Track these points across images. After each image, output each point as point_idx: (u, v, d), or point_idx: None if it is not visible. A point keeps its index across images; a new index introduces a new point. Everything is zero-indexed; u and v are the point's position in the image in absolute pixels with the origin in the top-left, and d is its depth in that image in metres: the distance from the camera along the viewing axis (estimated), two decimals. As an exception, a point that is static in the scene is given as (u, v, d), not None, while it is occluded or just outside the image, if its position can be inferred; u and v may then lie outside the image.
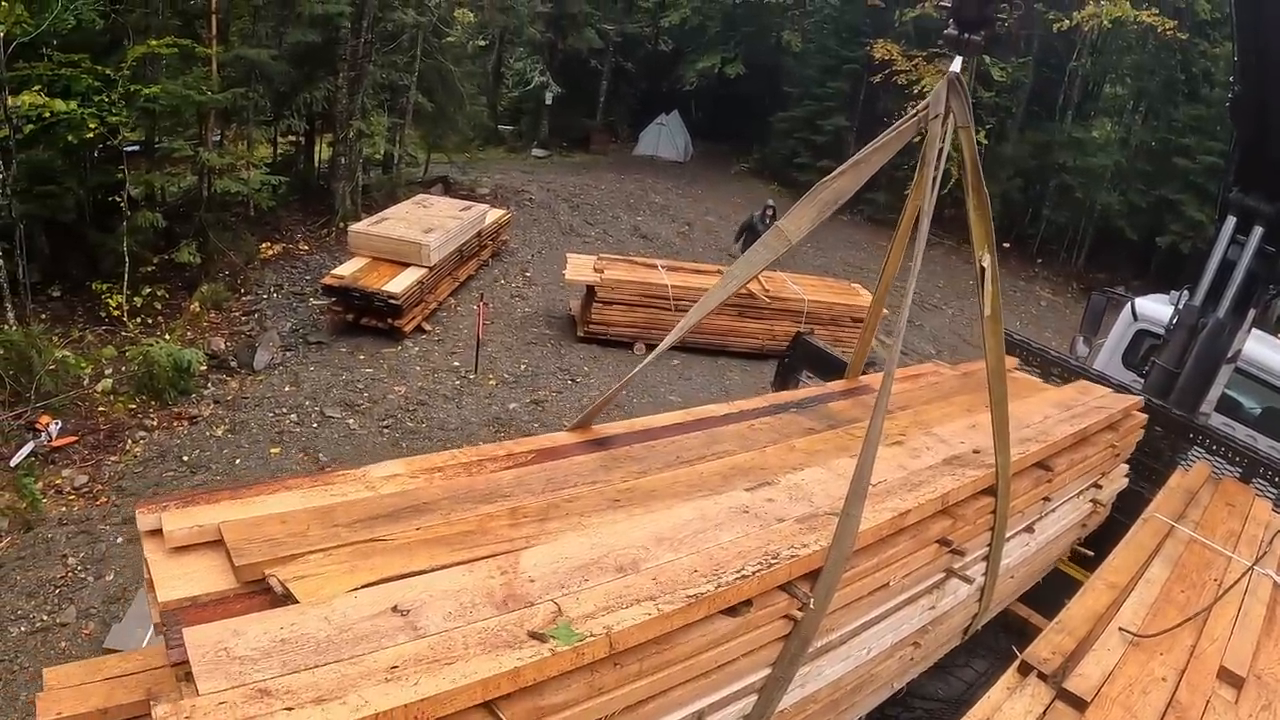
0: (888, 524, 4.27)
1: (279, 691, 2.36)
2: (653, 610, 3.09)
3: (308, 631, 2.65)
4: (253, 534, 3.16)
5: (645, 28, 45.12)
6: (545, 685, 2.79)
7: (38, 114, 15.51)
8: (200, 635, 2.57)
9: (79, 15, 16.48)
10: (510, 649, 2.73)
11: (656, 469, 4.57)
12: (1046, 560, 6.56)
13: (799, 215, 4.53)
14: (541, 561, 3.32)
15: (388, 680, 2.47)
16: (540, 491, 4.03)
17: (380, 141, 24.22)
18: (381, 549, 3.25)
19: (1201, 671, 4.28)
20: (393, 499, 3.69)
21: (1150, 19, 27.50)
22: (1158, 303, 10.75)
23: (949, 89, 4.38)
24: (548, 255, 22.54)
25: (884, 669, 4.90)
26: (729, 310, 17.29)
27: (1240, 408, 10.18)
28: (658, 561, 3.46)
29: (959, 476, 4.96)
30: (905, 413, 6.07)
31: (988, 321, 4.84)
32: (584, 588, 3.17)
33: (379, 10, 22.55)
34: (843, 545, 3.79)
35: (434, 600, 2.94)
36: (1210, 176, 26.98)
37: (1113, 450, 6.67)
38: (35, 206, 17.49)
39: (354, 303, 16.61)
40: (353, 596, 2.89)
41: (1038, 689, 3.98)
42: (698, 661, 3.34)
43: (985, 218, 4.60)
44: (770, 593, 3.66)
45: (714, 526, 3.86)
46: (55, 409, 14.11)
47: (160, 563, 3.06)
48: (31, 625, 9.76)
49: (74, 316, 17.97)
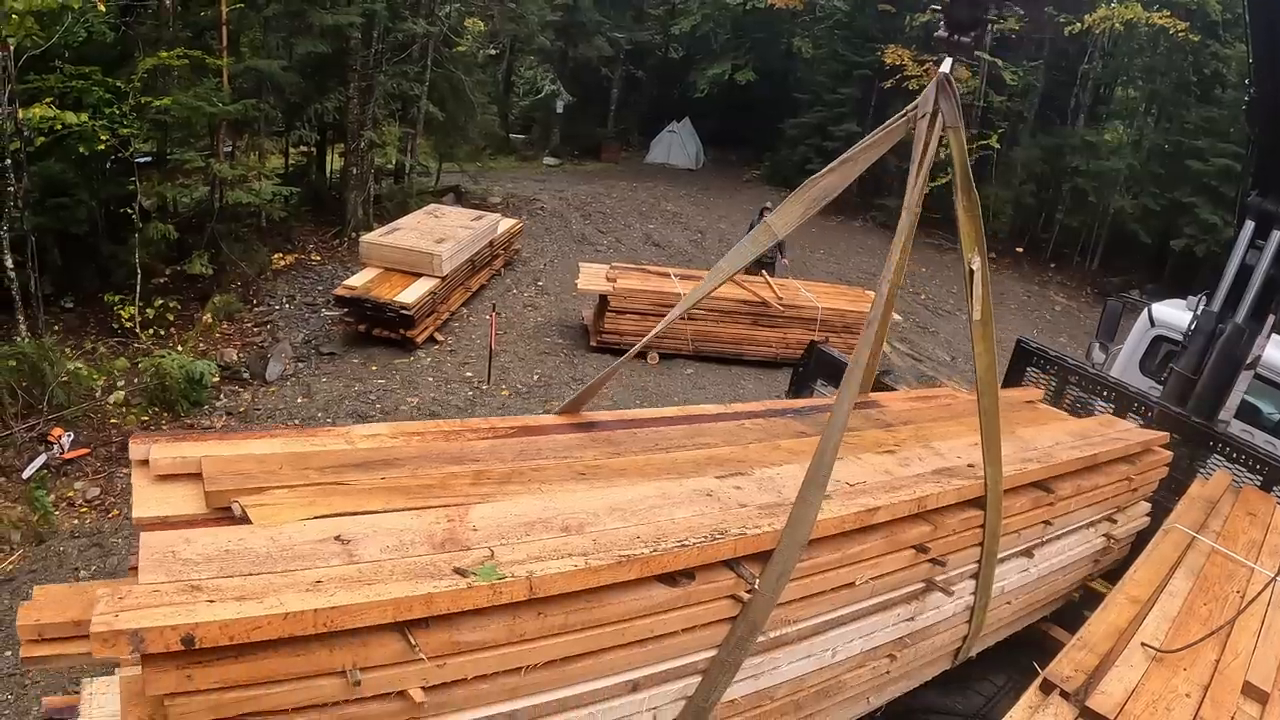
0: (853, 518, 4.24)
1: (208, 588, 2.61)
2: (580, 563, 3.17)
3: (251, 547, 2.92)
4: (228, 468, 3.45)
5: (656, 35, 45.19)
6: (462, 621, 2.91)
7: (49, 126, 15.52)
8: (154, 539, 2.89)
9: (90, 28, 16.53)
10: (431, 579, 2.87)
11: (631, 452, 4.65)
12: (1051, 592, 6.35)
13: (787, 211, 4.69)
14: (489, 515, 3.47)
15: (308, 591, 2.66)
16: (510, 460, 4.18)
17: (392, 151, 24.29)
18: (343, 491, 3.47)
19: (1225, 687, 4.21)
20: (366, 453, 3.93)
21: (1162, 21, 27.42)
22: (1174, 308, 10.67)
23: (938, 89, 4.43)
24: (560, 264, 22.52)
25: (854, 678, 4.78)
26: (743, 319, 17.27)
27: (1260, 414, 10.08)
28: (603, 527, 3.54)
29: (942, 484, 4.91)
30: (908, 427, 5.99)
31: (977, 326, 4.76)
32: (523, 541, 3.29)
33: (389, 21, 22.57)
34: (797, 532, 3.79)
35: (376, 535, 3.13)
36: (1224, 179, 26.86)
37: (1128, 484, 6.47)
38: (47, 219, 17.52)
39: (366, 313, 16.59)
40: (302, 524, 3.14)
41: (1060, 708, 3.91)
42: (632, 627, 3.39)
43: (975, 218, 4.58)
44: (715, 569, 3.67)
45: (671, 504, 3.91)
46: (67, 421, 14.11)
47: (144, 488, 3.39)
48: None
49: (86, 328, 18.00)
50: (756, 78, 38.63)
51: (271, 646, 2.57)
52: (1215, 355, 8.11)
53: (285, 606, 2.56)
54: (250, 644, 2.52)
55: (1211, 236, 26.60)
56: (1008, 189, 31.94)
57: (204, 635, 2.42)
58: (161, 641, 2.37)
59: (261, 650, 2.55)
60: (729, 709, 4.03)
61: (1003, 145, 31.33)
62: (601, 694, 3.40)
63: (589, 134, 41.53)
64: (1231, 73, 28.95)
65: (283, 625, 2.53)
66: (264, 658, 2.56)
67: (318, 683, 2.67)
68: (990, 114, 31.76)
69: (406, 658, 2.78)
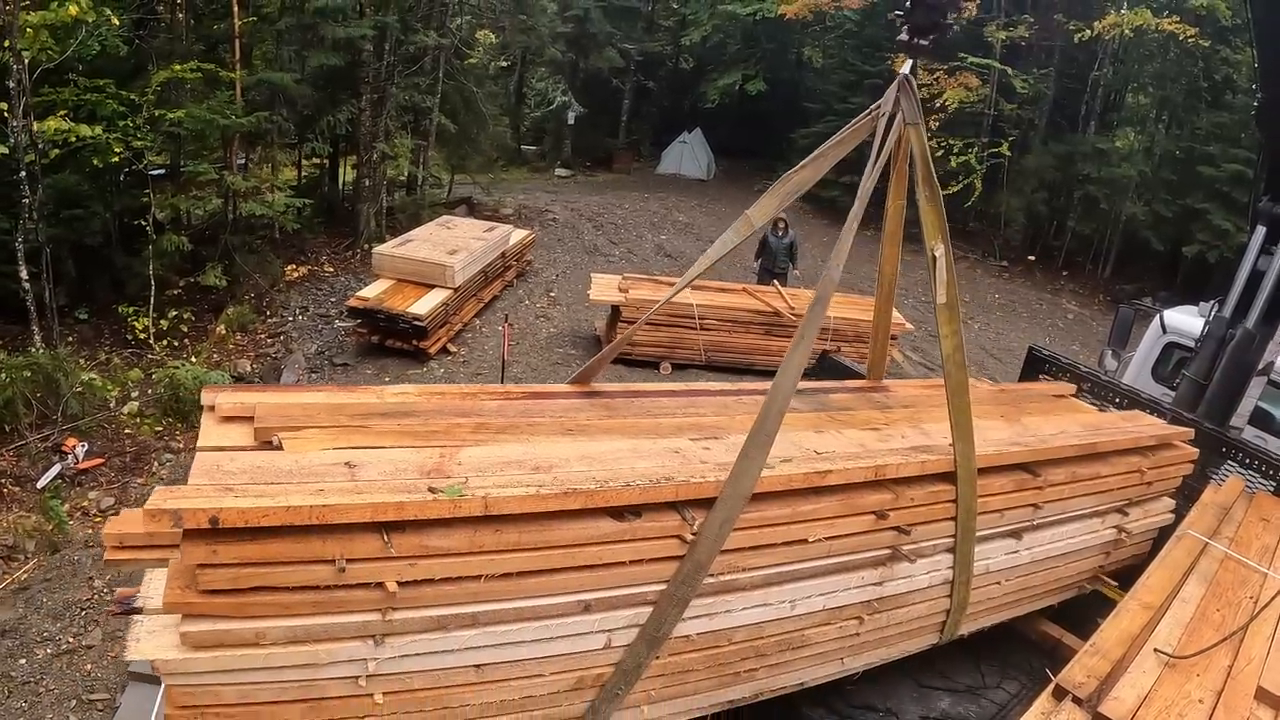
0: (801, 477, 4.51)
1: (237, 489, 3.34)
2: (533, 490, 3.69)
3: (278, 465, 3.69)
4: (276, 412, 4.22)
5: (666, 46, 45.29)
6: (431, 529, 3.49)
7: (64, 139, 15.70)
8: (206, 457, 3.75)
9: (103, 41, 16.70)
10: (407, 493, 3.50)
11: (623, 416, 5.15)
12: (1054, 579, 6.32)
13: (763, 204, 5.16)
14: (476, 455, 4.06)
15: (311, 494, 3.33)
16: (511, 417, 4.77)
17: (404, 163, 24.34)
18: (363, 431, 4.18)
19: (1238, 693, 4.20)
20: (392, 405, 4.67)
21: (1171, 27, 27.35)
22: (1186, 314, 10.64)
23: (899, 89, 4.89)
24: (572, 275, 22.50)
25: (820, 634, 4.95)
26: (755, 329, 17.23)
27: (1273, 420, 10.04)
28: (569, 470, 4.02)
29: (906, 456, 5.07)
30: (905, 410, 6.14)
31: (942, 309, 5.08)
32: (496, 474, 3.84)
33: (401, 33, 22.67)
34: (740, 484, 4.10)
35: (378, 464, 3.82)
36: (1236, 184, 26.73)
37: (1139, 476, 6.42)
38: (62, 230, 17.69)
39: (379, 324, 16.60)
40: (323, 452, 3.87)
41: (1073, 714, 3.91)
42: (582, 552, 3.83)
43: (937, 208, 4.98)
44: (662, 511, 4.06)
45: (639, 457, 4.35)
46: (82, 431, 14.21)
47: (209, 427, 4.25)
48: (58, 647, 9.78)
49: (100, 339, 18.12)
50: (767, 88, 38.59)
51: (278, 533, 3.22)
52: (1226, 361, 8.09)
53: (286, 501, 3.22)
54: (262, 529, 3.17)
55: (1224, 242, 26.44)
56: (1019, 197, 31.84)
57: (226, 518, 3.10)
58: (194, 519, 3.07)
59: (270, 535, 3.21)
60: (686, 644, 4.37)
61: (1014, 153, 31.25)
62: (555, 609, 3.86)
63: (600, 145, 41.58)
64: (1242, 78, 28.83)
65: (285, 515, 3.19)
66: (272, 542, 3.22)
67: (313, 568, 3.30)
68: (1001, 122, 31.72)
69: (384, 554, 3.38)
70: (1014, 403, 7.03)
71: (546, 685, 4.00)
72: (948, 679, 6.10)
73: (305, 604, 3.33)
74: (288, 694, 3.45)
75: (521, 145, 41.40)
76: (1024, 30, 30.37)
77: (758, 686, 4.88)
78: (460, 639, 3.66)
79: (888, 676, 5.85)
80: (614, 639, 4.09)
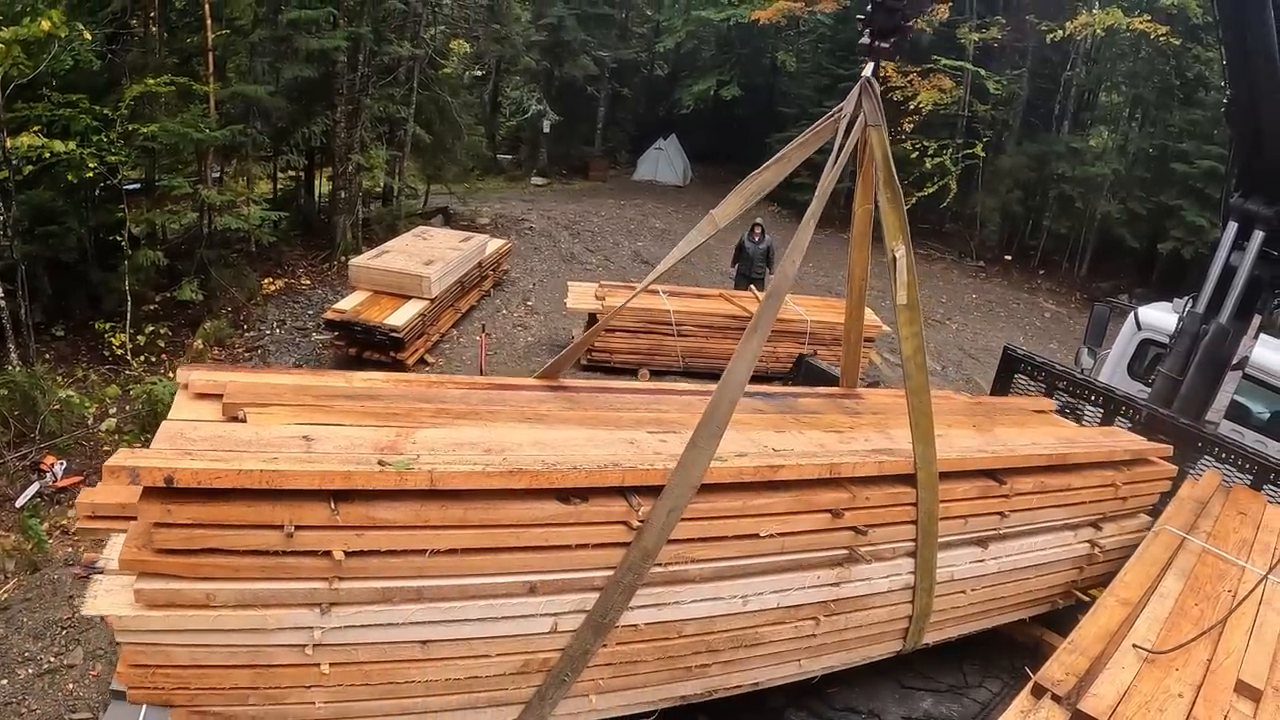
0: (751, 470, 4.53)
1: (196, 454, 3.47)
2: (478, 467, 3.75)
3: (239, 435, 3.81)
4: (245, 390, 4.36)
5: (641, 53, 45.34)
6: (378, 501, 3.57)
7: (37, 154, 15.59)
8: (171, 424, 3.89)
9: (76, 56, 16.56)
10: (356, 464, 3.58)
11: (585, 409, 5.19)
12: (1024, 591, 6.26)
13: (728, 205, 5.31)
14: (432, 435, 4.13)
15: (265, 463, 3.42)
16: (474, 404, 4.84)
17: (379, 174, 24.30)
18: (326, 410, 4.30)
19: (1218, 686, 4.22)
20: (359, 389, 4.82)
21: (1143, 26, 27.52)
22: (1161, 311, 10.71)
23: (861, 91, 4.96)
24: (549, 284, 22.49)
25: (774, 633, 4.92)
26: (732, 334, 17.21)
27: (1249, 413, 10.11)
28: (521, 453, 4.06)
29: (865, 456, 5.07)
30: (874, 416, 6.12)
31: (902, 310, 5.12)
32: (449, 453, 3.90)
33: (375, 44, 22.63)
34: (688, 473, 4.13)
35: (335, 439, 3.92)
36: (1209, 181, 26.92)
37: (1114, 490, 6.40)
38: (37, 246, 17.55)
39: (356, 336, 16.50)
40: (283, 425, 3.98)
41: (1052, 711, 3.92)
42: (528, 532, 3.88)
43: (897, 210, 5.03)
44: (609, 496, 4.11)
45: (593, 445, 4.39)
46: (60, 449, 14.10)
47: (182, 402, 4.41)
48: (39, 667, 9.69)
49: (77, 356, 17.99)
50: (742, 93, 38.68)
51: (231, 496, 3.33)
52: (1200, 356, 8.14)
53: (239, 465, 3.35)
54: (216, 491, 3.29)
55: (1199, 239, 26.62)
56: (995, 197, 32.00)
57: (180, 477, 3.22)
58: (150, 478, 3.19)
59: (224, 498, 3.32)
60: (634, 634, 4.38)
61: (989, 154, 31.43)
62: (500, 589, 3.91)
63: (576, 153, 41.55)
64: (1214, 75, 28.97)
65: (236, 478, 3.30)
66: (225, 505, 3.33)
67: (263, 533, 3.39)
68: (975, 123, 31.88)
69: (332, 523, 3.47)
70: (989, 414, 7.01)
71: (493, 666, 4.04)
72: (930, 679, 6.13)
73: (255, 568, 3.44)
74: (236, 658, 3.54)
75: (497, 154, 41.32)
76: (997, 32, 30.54)
77: (711, 684, 4.86)
78: (405, 613, 3.73)
79: (870, 678, 5.87)
80: (560, 623, 4.12)
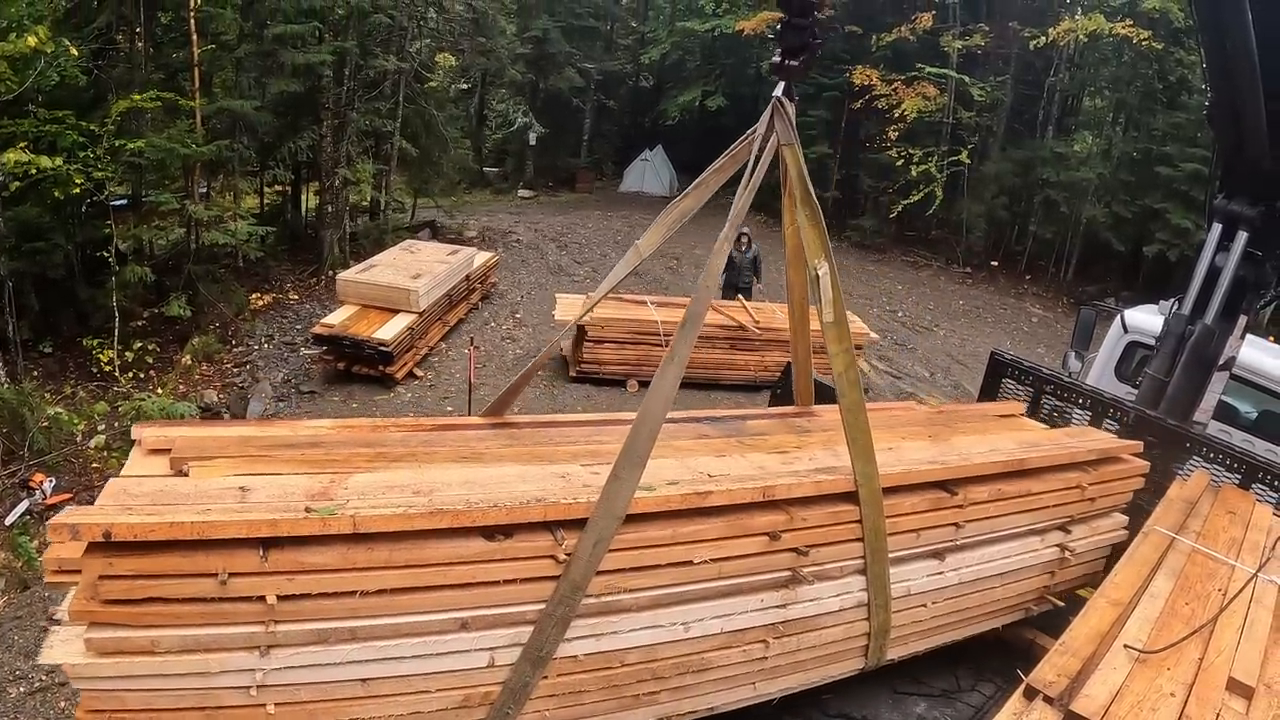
0: (679, 499, 4.49)
1: (136, 508, 3.60)
2: (400, 509, 3.84)
3: (179, 489, 3.93)
4: (193, 445, 4.48)
5: (626, 65, 45.45)
6: (306, 545, 3.69)
7: (24, 171, 15.55)
8: (117, 482, 3.98)
9: (62, 72, 16.58)
10: (284, 512, 3.71)
11: (523, 444, 5.22)
12: (990, 601, 6.13)
13: (651, 233, 5.42)
14: (364, 480, 4.23)
15: (198, 514, 3.55)
16: (413, 446, 4.92)
17: (366, 188, 24.25)
18: (266, 460, 4.40)
19: (1210, 684, 4.23)
20: (303, 438, 4.90)
21: (1125, 31, 27.68)
22: (1147, 313, 10.74)
23: (773, 111, 4.99)
24: (537, 296, 22.48)
25: (723, 658, 4.89)
26: (720, 344, 17.26)
27: (1236, 413, 10.15)
28: (449, 493, 4.12)
29: (802, 477, 5.03)
30: (823, 435, 6.02)
31: (830, 327, 5.08)
32: (377, 496, 4.00)
33: (360, 58, 22.65)
34: (611, 505, 4.16)
35: (270, 488, 4.01)
36: (1194, 184, 27.07)
37: (1080, 492, 6.27)
38: (24, 263, 17.53)
39: (345, 351, 16.48)
40: (223, 477, 4.11)
41: (1044, 713, 3.92)
42: (454, 570, 3.96)
43: (817, 226, 5.08)
44: (535, 530, 4.16)
45: (523, 481, 4.41)
46: (49, 466, 14.05)
47: (136, 459, 4.55)
48: (30, 685, 9.64)
49: (65, 373, 17.95)
50: (727, 103, 38.73)
51: (167, 547, 3.48)
52: (1186, 357, 8.15)
53: (172, 518, 3.48)
54: (152, 544, 3.44)
55: (1184, 241, 26.75)
56: (980, 203, 32.10)
57: (117, 531, 3.37)
58: (90, 533, 3.35)
59: (161, 549, 3.47)
60: (574, 665, 4.41)
61: (974, 160, 31.52)
62: (433, 626, 3.99)
63: (563, 165, 41.63)
64: (1197, 79, 29.11)
65: (169, 530, 3.45)
66: (162, 555, 3.48)
67: (199, 581, 3.53)
68: (960, 130, 31.97)
69: (263, 569, 3.60)
70: (948, 423, 6.90)
71: (434, 702, 4.12)
72: (923, 684, 6.13)
73: (194, 614, 3.59)
74: (185, 701, 3.67)
75: (484, 167, 41.39)
76: (980, 39, 30.67)
77: (661, 710, 4.84)
78: (341, 653, 3.83)
79: (863, 684, 5.87)
80: (497, 657, 4.18)
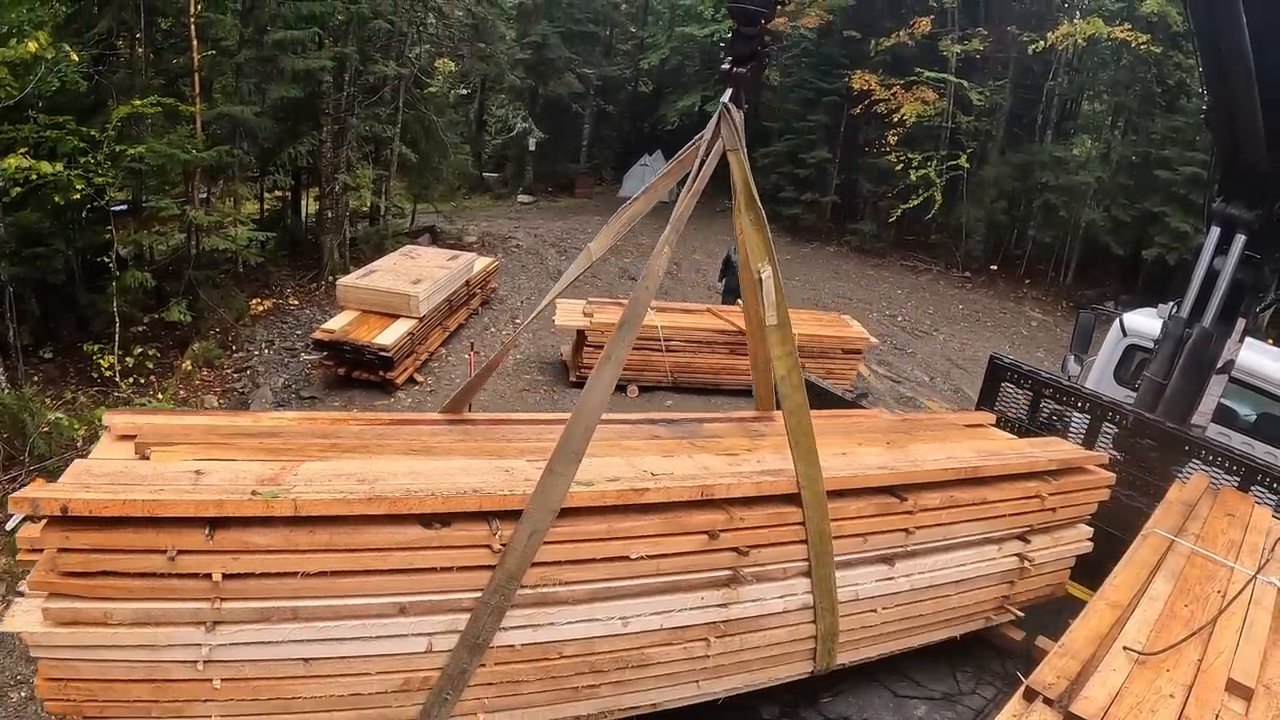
0: (614, 494, 4.58)
1: (94, 487, 3.77)
2: (340, 495, 4.00)
3: (138, 471, 4.09)
4: (158, 431, 4.64)
5: (625, 70, 45.52)
6: (251, 527, 3.87)
7: (24, 176, 15.52)
8: (81, 463, 4.11)
9: (63, 77, 16.59)
10: (231, 494, 3.89)
11: (475, 440, 5.31)
12: (944, 609, 6.07)
13: (602, 236, 5.60)
14: (314, 468, 4.33)
15: (151, 494, 3.75)
16: (368, 439, 5.04)
17: (366, 194, 24.29)
18: (225, 447, 4.53)
19: (1209, 686, 4.23)
20: (264, 428, 5.05)
21: (1124, 34, 27.72)
22: (1146, 317, 10.74)
23: (720, 117, 5.12)
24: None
25: (663, 655, 4.93)
26: (720, 349, 17.28)
27: (1235, 416, 10.16)
28: (393, 483, 4.23)
29: (744, 477, 5.05)
30: (777, 439, 5.83)
31: (773, 330, 5.12)
32: (324, 484, 4.12)
33: (360, 64, 22.69)
34: (545, 498, 4.27)
35: (222, 472, 4.15)
36: (1192, 187, 27.10)
37: (1039, 502, 6.24)
38: (25, 268, 17.53)
39: (345, 356, 16.51)
40: (181, 463, 4.22)
41: (1044, 714, 3.92)
42: (392, 556, 4.10)
43: (760, 230, 5.12)
44: (472, 520, 4.28)
45: (465, 474, 4.52)
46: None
47: (105, 444, 4.74)
48: (32, 690, 9.65)
49: (66, 378, 17.94)
50: (726, 107, 38.69)
51: (121, 524, 3.68)
52: (1184, 360, 8.16)
53: (125, 496, 3.69)
54: (107, 519, 3.65)
55: (1183, 244, 26.76)
56: (979, 207, 32.14)
57: (74, 506, 3.59)
58: (48, 507, 3.56)
59: (115, 526, 3.67)
60: (511, 654, 4.49)
61: (973, 164, 31.57)
62: (372, 610, 4.12)
63: (562, 170, 41.67)
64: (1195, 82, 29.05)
65: (122, 507, 3.65)
66: (116, 532, 3.68)
67: (150, 557, 3.72)
68: (959, 134, 32.02)
69: (209, 547, 3.78)
70: (909, 430, 6.84)
71: (374, 684, 4.24)
72: (923, 687, 6.13)
73: (145, 589, 3.76)
74: (135, 673, 3.85)
75: (483, 173, 41.41)
76: (979, 43, 30.72)
77: (601, 705, 4.87)
78: (283, 631, 3.98)
79: (862, 686, 5.89)
80: (435, 643, 4.28)
